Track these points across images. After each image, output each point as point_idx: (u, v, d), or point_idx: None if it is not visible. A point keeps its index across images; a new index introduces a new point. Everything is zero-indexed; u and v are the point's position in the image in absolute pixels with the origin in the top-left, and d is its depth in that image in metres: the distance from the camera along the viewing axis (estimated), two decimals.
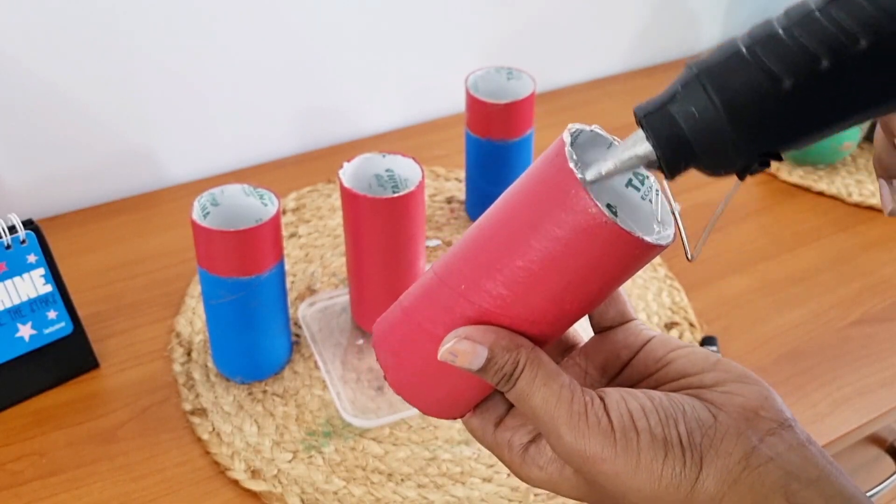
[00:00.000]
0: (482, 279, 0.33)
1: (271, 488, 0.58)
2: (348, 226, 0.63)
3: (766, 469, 0.32)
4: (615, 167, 0.32)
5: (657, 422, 0.32)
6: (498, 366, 0.33)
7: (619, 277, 0.33)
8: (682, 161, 0.31)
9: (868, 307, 0.77)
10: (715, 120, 0.29)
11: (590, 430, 0.33)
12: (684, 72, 0.31)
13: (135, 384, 0.66)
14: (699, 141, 0.30)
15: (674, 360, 0.36)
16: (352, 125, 0.97)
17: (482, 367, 0.33)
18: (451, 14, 0.97)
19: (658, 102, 0.31)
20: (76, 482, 0.59)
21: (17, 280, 0.62)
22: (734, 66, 0.29)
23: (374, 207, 0.61)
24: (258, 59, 0.87)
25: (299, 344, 0.69)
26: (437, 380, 0.36)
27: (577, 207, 0.30)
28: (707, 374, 0.35)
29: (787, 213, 0.88)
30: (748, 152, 0.30)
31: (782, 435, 0.33)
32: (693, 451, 0.32)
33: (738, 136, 0.30)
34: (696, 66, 0.30)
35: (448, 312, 0.34)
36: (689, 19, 1.17)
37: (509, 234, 0.32)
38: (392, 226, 0.62)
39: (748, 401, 0.33)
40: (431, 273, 0.36)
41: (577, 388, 0.34)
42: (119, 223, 0.83)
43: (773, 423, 0.33)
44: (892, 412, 0.68)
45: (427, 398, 0.37)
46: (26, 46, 0.75)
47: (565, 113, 1.04)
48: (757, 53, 0.29)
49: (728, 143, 0.30)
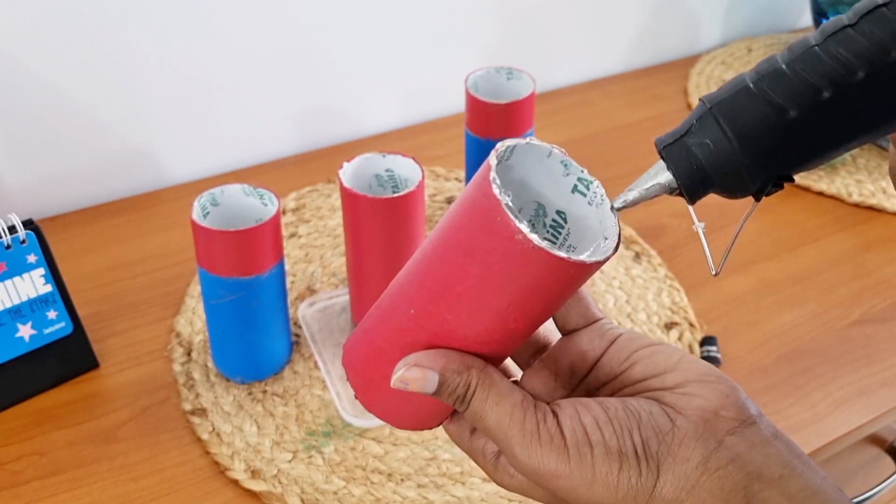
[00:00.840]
0: (428, 304, 0.33)
1: (271, 488, 0.58)
2: (348, 226, 0.63)
3: (726, 472, 0.32)
4: (640, 196, 0.34)
5: (611, 433, 0.32)
6: (450, 388, 0.34)
7: (560, 295, 0.33)
8: (701, 188, 0.34)
9: (868, 307, 0.77)
10: (728, 150, 0.32)
11: (542, 447, 0.33)
12: (698, 106, 0.33)
13: (135, 384, 0.66)
14: (715, 169, 0.33)
15: (638, 360, 0.36)
16: (352, 125, 0.98)
17: (435, 391, 0.34)
18: (451, 14, 0.97)
19: (676, 135, 0.33)
20: (76, 482, 0.59)
21: (17, 280, 0.62)
22: (743, 100, 0.32)
23: (374, 207, 0.61)
24: (258, 58, 0.87)
25: (299, 344, 0.69)
26: (402, 398, 0.36)
27: (504, 233, 0.30)
28: (668, 374, 0.35)
29: (787, 213, 0.88)
30: (761, 177, 0.33)
31: (744, 433, 0.33)
32: (649, 459, 0.32)
33: (750, 162, 0.32)
34: (709, 101, 0.33)
35: (402, 335, 0.35)
36: (689, 20, 1.17)
37: (447, 261, 0.32)
38: (392, 226, 0.62)
39: (707, 401, 0.33)
40: (387, 295, 0.36)
41: (531, 404, 0.34)
42: (119, 223, 0.83)
43: (734, 422, 0.33)
44: (892, 412, 0.68)
45: (397, 414, 0.38)
46: (26, 46, 0.75)
47: (565, 113, 1.04)
48: (763, 87, 0.32)
49: (742, 169, 0.33)
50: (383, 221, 0.61)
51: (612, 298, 0.76)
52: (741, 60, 1.17)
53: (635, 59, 1.15)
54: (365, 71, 0.95)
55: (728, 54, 1.18)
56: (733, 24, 1.22)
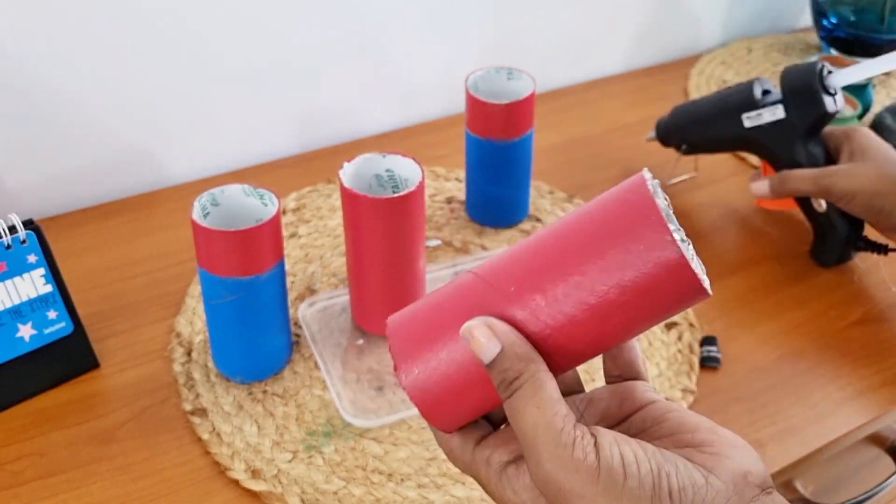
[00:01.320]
0: (534, 287, 0.34)
1: (271, 488, 0.58)
2: (348, 226, 0.63)
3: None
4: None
5: (648, 471, 0.32)
6: (502, 367, 0.33)
7: (663, 309, 0.34)
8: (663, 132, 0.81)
9: (868, 307, 0.77)
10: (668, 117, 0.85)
11: (573, 463, 0.32)
12: None
13: (135, 384, 0.66)
14: (663, 122, 0.85)
15: (669, 418, 0.36)
16: (352, 125, 0.98)
17: (489, 363, 0.33)
18: (451, 14, 0.97)
19: None
20: (76, 482, 0.59)
21: (17, 280, 0.62)
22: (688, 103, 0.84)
23: (374, 207, 0.61)
24: (259, 59, 0.88)
25: (299, 344, 0.69)
26: (448, 378, 0.36)
27: (655, 233, 0.32)
28: (699, 433, 0.35)
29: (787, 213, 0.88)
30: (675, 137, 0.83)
31: (764, 500, 0.33)
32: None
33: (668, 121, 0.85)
34: None
35: (481, 309, 0.35)
36: (690, 20, 1.17)
37: (580, 252, 0.33)
38: (392, 226, 0.62)
39: (738, 465, 0.33)
40: (471, 275, 0.36)
41: (572, 419, 0.33)
42: (119, 223, 0.83)
43: (758, 489, 0.33)
44: (893, 412, 0.68)
45: (433, 398, 0.36)
46: (27, 47, 0.76)
47: (565, 113, 1.04)
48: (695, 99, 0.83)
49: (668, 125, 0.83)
50: (383, 221, 0.61)
51: None
52: (741, 60, 1.17)
53: (635, 59, 1.15)
54: (365, 71, 0.95)
55: (728, 54, 1.18)
56: (734, 25, 1.22)
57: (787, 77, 0.76)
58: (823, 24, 1.11)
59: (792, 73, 0.76)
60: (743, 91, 0.78)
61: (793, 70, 0.76)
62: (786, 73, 0.77)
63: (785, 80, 0.76)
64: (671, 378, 0.68)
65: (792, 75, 0.76)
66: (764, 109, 0.76)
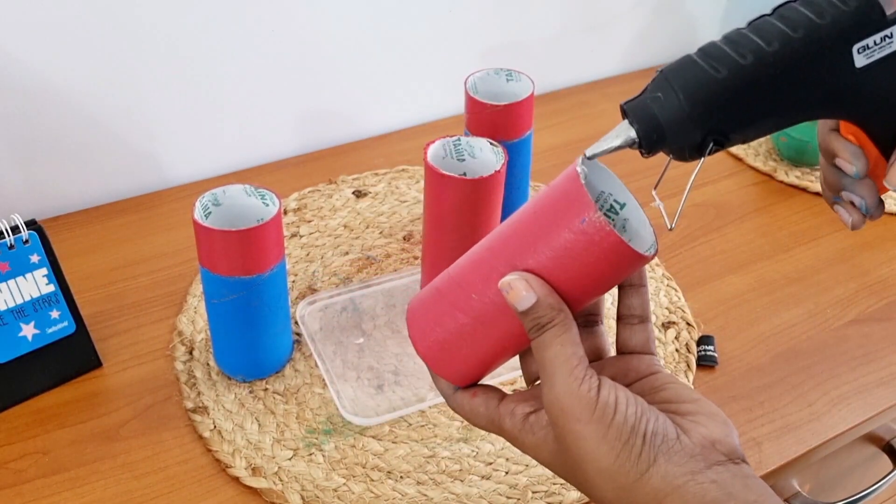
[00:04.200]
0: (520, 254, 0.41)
1: (272, 485, 0.59)
2: (431, 203, 0.66)
3: (709, 487, 0.38)
4: (610, 146, 0.41)
5: (633, 413, 0.39)
6: (537, 314, 0.40)
7: (612, 274, 0.41)
8: (655, 135, 0.41)
9: (865, 307, 0.77)
10: (674, 100, 0.40)
11: (578, 393, 0.39)
12: (655, 75, 0.42)
13: (137, 383, 0.66)
14: (665, 117, 0.41)
15: (666, 388, 0.43)
16: (352, 126, 0.98)
17: (525, 311, 0.40)
18: (450, 16, 0.97)
19: (636, 96, 0.42)
20: (79, 481, 0.59)
21: (20, 280, 0.62)
22: (686, 64, 0.41)
23: (457, 187, 0.64)
24: (260, 60, 0.88)
25: (300, 343, 0.70)
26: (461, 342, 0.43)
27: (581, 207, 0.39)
28: (687, 404, 0.41)
29: (784, 213, 0.89)
30: (702, 126, 0.41)
31: (729, 466, 0.39)
32: (651, 448, 0.38)
33: (691, 110, 0.40)
34: (662, 69, 0.42)
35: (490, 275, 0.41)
36: (687, 22, 1.18)
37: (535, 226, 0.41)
38: (472, 206, 0.65)
39: (710, 432, 0.40)
40: (473, 254, 0.43)
41: (586, 361, 0.40)
42: (121, 223, 0.83)
43: (723, 456, 0.39)
44: (889, 411, 0.68)
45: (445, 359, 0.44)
46: (29, 47, 0.76)
47: (564, 114, 1.05)
48: (702, 55, 0.41)
49: (685, 117, 0.40)
50: (466, 200, 0.64)
51: (611, 298, 0.76)
52: None
53: (633, 60, 1.16)
54: (365, 73, 0.95)
55: None
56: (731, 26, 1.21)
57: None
58: None
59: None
60: (854, 5, 0.42)
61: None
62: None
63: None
64: None
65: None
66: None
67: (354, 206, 0.86)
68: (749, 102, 0.41)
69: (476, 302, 0.42)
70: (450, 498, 0.59)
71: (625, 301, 0.46)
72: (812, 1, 0.42)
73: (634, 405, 0.39)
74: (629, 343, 0.45)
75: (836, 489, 0.84)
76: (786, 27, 0.41)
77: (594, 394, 0.39)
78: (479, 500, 0.59)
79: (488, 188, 0.65)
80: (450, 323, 0.43)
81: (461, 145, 0.68)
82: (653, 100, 0.41)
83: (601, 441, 0.38)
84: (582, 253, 0.39)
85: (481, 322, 0.42)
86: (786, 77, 0.41)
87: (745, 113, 0.41)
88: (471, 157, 0.68)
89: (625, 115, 0.42)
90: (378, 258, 0.80)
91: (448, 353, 0.44)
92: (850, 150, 0.46)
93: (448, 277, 0.43)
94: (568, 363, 0.39)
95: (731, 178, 0.94)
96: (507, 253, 0.41)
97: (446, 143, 0.68)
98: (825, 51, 0.41)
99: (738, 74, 0.40)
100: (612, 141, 0.41)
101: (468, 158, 0.68)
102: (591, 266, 0.39)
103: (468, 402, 0.44)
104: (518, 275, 0.40)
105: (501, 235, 0.42)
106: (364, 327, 0.71)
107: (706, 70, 0.40)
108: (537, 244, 0.40)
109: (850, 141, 0.47)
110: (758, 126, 0.42)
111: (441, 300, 0.43)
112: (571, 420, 0.39)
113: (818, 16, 0.41)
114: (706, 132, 0.41)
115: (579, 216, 0.38)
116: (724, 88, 0.40)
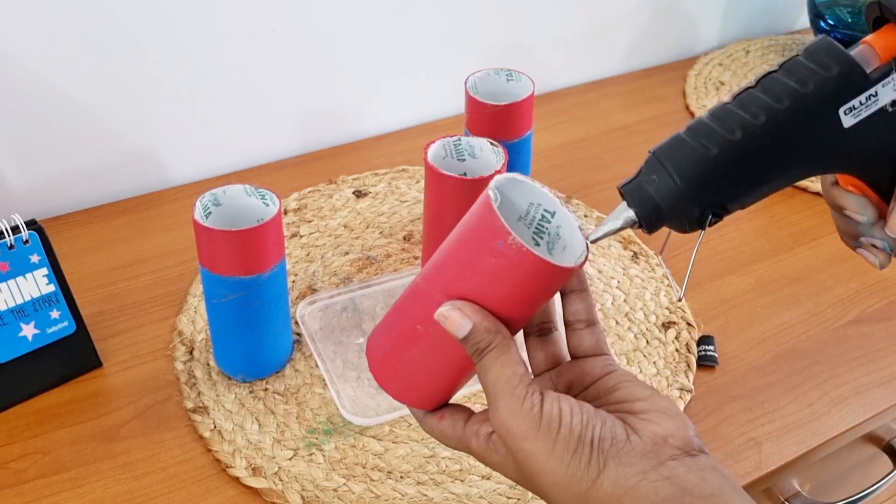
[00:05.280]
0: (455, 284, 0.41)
1: (272, 485, 0.59)
2: (430, 203, 0.67)
3: (662, 484, 0.38)
4: (611, 229, 0.42)
5: (578, 422, 0.39)
6: (475, 339, 0.40)
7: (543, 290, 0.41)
8: (654, 216, 0.42)
9: (865, 307, 0.77)
10: (669, 181, 0.41)
11: (521, 412, 0.39)
12: (647, 157, 0.42)
13: (137, 383, 0.66)
14: (661, 198, 0.41)
15: (620, 388, 0.43)
16: (353, 126, 0.98)
17: (464, 337, 0.40)
18: (450, 16, 0.97)
19: (631, 178, 0.43)
20: (79, 480, 0.59)
21: (20, 280, 0.62)
22: (677, 144, 0.42)
23: (458, 187, 0.63)
24: (260, 60, 0.88)
25: (300, 343, 0.70)
26: (418, 373, 0.44)
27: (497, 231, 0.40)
28: (639, 402, 0.41)
29: (784, 214, 0.89)
30: (699, 203, 0.41)
31: (684, 461, 0.39)
32: (600, 454, 0.39)
33: (686, 189, 0.41)
34: (653, 149, 0.42)
35: (432, 308, 0.42)
36: (687, 22, 1.18)
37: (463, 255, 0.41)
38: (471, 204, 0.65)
39: (661, 429, 0.40)
40: (416, 286, 0.43)
41: (528, 379, 0.41)
42: (122, 223, 0.83)
43: (678, 450, 0.39)
44: (889, 411, 0.68)
45: (408, 390, 0.44)
46: (30, 47, 0.76)
47: (564, 114, 1.05)
48: (691, 134, 0.42)
49: (681, 196, 0.41)
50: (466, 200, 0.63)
51: (611, 298, 0.76)
52: (739, 62, 1.17)
53: (634, 60, 1.16)
54: (365, 73, 0.95)
55: (726, 56, 1.19)
56: (731, 26, 1.22)
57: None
58: (820, 25, 1.11)
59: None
60: (836, 71, 0.42)
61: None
62: None
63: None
64: (668, 377, 0.69)
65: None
66: (881, 87, 0.43)
67: (354, 206, 0.86)
68: (742, 175, 0.42)
69: (422, 332, 0.42)
70: (450, 498, 0.59)
71: (568, 308, 0.46)
72: (793, 70, 0.42)
73: (580, 414, 0.40)
74: (580, 348, 0.46)
75: (836, 489, 0.85)
76: (770, 99, 0.41)
77: (537, 410, 0.39)
78: (479, 500, 0.59)
79: None
80: (403, 354, 0.44)
81: (461, 145, 0.68)
82: (648, 182, 0.42)
83: (550, 455, 0.39)
84: (507, 275, 0.39)
85: (431, 350, 0.43)
86: (776, 146, 0.41)
87: (739, 185, 0.42)
88: (471, 157, 0.68)
89: (623, 197, 0.42)
90: (378, 258, 0.80)
91: (407, 383, 0.44)
92: (855, 202, 0.47)
93: (395, 310, 0.44)
94: (509, 384, 0.40)
95: None
96: (441, 282, 0.41)
97: (446, 143, 0.68)
98: (812, 117, 0.42)
99: (729, 150, 0.41)
100: (614, 223, 0.42)
101: (468, 158, 0.68)
102: (519, 286, 0.40)
103: (437, 425, 0.45)
104: (451, 304, 0.40)
105: (434, 265, 0.42)
106: (364, 327, 0.71)
107: (697, 149, 0.41)
108: (466, 271, 0.40)
109: (853, 192, 0.47)
110: (754, 193, 0.43)
111: (391, 333, 0.44)
112: (519, 439, 0.39)
113: (801, 84, 0.41)
114: (704, 207, 0.42)
115: (496, 240, 0.39)
116: (716, 165, 0.41)
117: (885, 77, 0.42)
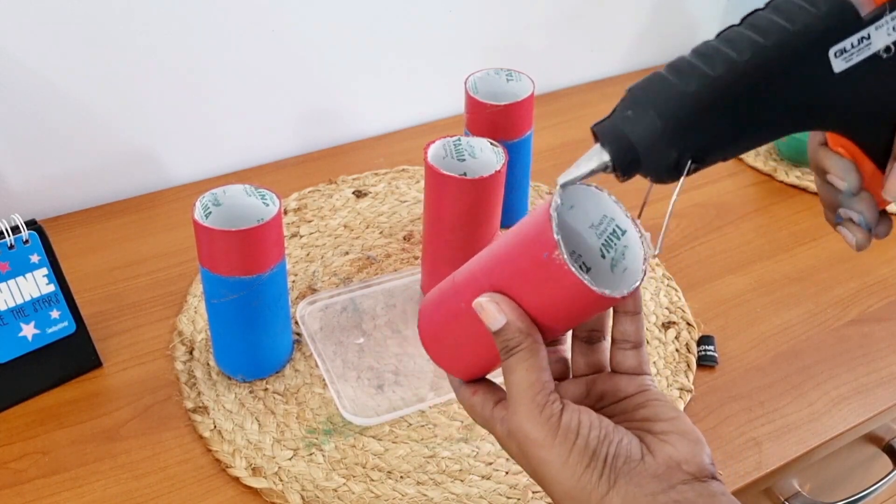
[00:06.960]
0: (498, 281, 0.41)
1: (272, 485, 0.59)
2: (431, 203, 0.67)
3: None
4: (583, 172, 0.40)
5: (595, 436, 0.40)
6: (506, 336, 0.40)
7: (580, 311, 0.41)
8: (629, 156, 0.39)
9: (865, 307, 0.77)
10: (645, 116, 0.38)
11: (540, 419, 0.40)
12: (624, 94, 0.40)
13: (137, 383, 0.66)
14: (637, 137, 0.39)
15: (647, 406, 0.43)
16: (353, 127, 0.98)
17: (496, 331, 0.40)
18: (450, 16, 0.97)
19: (606, 117, 0.40)
20: (79, 480, 0.59)
21: (20, 280, 0.62)
22: (655, 80, 0.39)
23: (458, 187, 0.63)
24: (260, 60, 0.88)
25: (300, 342, 0.70)
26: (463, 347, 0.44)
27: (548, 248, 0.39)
28: (662, 423, 0.42)
29: (784, 214, 0.89)
30: (676, 145, 0.38)
31: (694, 486, 0.39)
32: (612, 470, 0.39)
33: (664, 126, 0.38)
34: (630, 87, 0.40)
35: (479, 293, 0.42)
36: (687, 22, 1.18)
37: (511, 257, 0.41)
38: (470, 205, 0.65)
39: (677, 453, 0.40)
40: (477, 258, 0.44)
41: (551, 387, 0.41)
42: (122, 223, 0.83)
43: (689, 475, 0.39)
44: (889, 411, 0.68)
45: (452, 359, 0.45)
46: (30, 47, 0.76)
47: (564, 114, 1.05)
48: (670, 70, 0.39)
49: (658, 134, 0.38)
50: (465, 200, 0.65)
51: None
52: None
53: (634, 60, 1.16)
54: (366, 73, 0.95)
55: None
56: None
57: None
58: None
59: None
60: (826, 9, 0.39)
61: None
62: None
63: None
64: (669, 377, 0.69)
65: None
66: (874, 29, 0.40)
67: (354, 206, 0.86)
68: (724, 116, 0.38)
69: (465, 310, 0.42)
70: (450, 498, 0.59)
71: (618, 326, 0.45)
72: (781, 7, 0.39)
73: (598, 429, 0.40)
74: (622, 365, 0.45)
75: (836, 489, 0.85)
76: (756, 35, 0.38)
77: (555, 420, 0.40)
78: (479, 500, 0.59)
79: (488, 188, 0.65)
80: (449, 325, 0.44)
81: (461, 145, 0.68)
82: (623, 119, 0.39)
83: (563, 465, 0.39)
84: (546, 287, 0.39)
85: (473, 329, 0.43)
86: (760, 87, 0.38)
87: (720, 128, 0.39)
88: (471, 157, 0.68)
89: (596, 139, 0.40)
90: (378, 258, 0.80)
91: (448, 352, 0.45)
92: (840, 165, 0.44)
93: (452, 283, 0.45)
94: (531, 389, 0.40)
95: (730, 178, 0.94)
96: (491, 271, 0.41)
97: (446, 143, 0.68)
98: (800, 57, 0.39)
99: (709, 87, 0.38)
100: (585, 166, 0.39)
101: (468, 158, 0.68)
102: (556, 299, 0.39)
103: (469, 398, 0.45)
104: (490, 296, 0.41)
105: (491, 252, 0.42)
106: (364, 327, 0.71)
107: (676, 85, 0.38)
108: (511, 268, 0.40)
109: (841, 154, 0.44)
110: (737, 142, 0.39)
111: (442, 304, 0.45)
112: (535, 446, 0.40)
113: (789, 21, 0.38)
114: (682, 150, 0.38)
115: (542, 250, 0.38)
116: (696, 102, 0.38)
117: (878, 19, 0.39)
